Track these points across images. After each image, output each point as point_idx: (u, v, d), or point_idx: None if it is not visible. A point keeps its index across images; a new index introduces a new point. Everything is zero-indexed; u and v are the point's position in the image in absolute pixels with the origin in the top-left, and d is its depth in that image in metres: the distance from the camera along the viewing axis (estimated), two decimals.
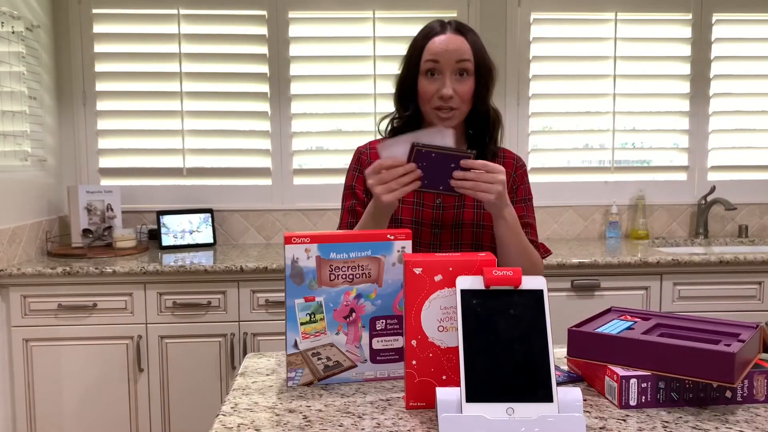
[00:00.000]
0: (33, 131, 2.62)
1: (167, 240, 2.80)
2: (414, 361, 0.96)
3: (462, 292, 0.89)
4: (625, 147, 3.12)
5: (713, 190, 3.02)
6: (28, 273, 2.29)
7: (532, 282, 0.89)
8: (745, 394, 0.97)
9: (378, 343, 1.09)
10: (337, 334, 1.08)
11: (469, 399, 0.82)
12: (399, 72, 1.47)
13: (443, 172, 1.24)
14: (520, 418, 0.80)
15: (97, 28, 2.88)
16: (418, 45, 1.41)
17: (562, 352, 1.20)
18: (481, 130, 1.47)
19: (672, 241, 3.02)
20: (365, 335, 1.09)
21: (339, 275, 1.06)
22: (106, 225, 2.76)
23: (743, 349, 0.94)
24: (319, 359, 1.07)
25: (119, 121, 2.93)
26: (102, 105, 2.92)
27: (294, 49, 2.94)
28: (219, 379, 2.42)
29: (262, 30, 2.92)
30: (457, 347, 0.96)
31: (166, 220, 2.81)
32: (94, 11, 2.87)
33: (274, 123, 2.96)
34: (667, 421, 0.91)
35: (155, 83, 2.91)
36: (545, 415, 0.80)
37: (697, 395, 0.96)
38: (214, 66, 2.92)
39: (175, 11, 2.88)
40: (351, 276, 1.07)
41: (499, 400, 0.82)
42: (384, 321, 1.09)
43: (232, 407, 0.99)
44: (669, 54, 3.06)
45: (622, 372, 0.96)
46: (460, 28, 1.41)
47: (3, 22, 2.39)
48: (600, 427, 0.89)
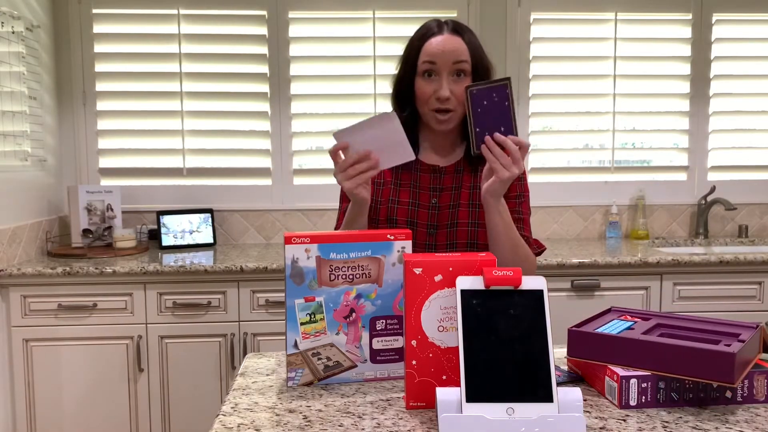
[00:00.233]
0: (33, 131, 2.62)
1: (167, 240, 2.80)
2: (414, 361, 0.96)
3: (462, 292, 0.89)
4: (625, 147, 3.12)
5: (713, 190, 3.02)
6: (28, 273, 2.30)
7: (532, 282, 0.89)
8: (745, 394, 0.97)
9: (378, 343, 1.09)
10: (337, 334, 1.08)
11: (469, 399, 0.82)
12: (396, 72, 1.47)
13: (491, 127, 1.24)
14: (520, 418, 0.80)
15: (97, 28, 2.88)
16: (415, 45, 1.41)
17: (562, 352, 1.20)
18: None
19: (672, 241, 3.02)
20: (365, 335, 1.09)
21: (339, 275, 1.06)
22: (106, 225, 2.76)
23: (743, 349, 0.94)
24: (319, 359, 1.07)
25: (119, 121, 2.93)
26: (102, 105, 2.92)
27: (294, 49, 2.94)
28: (219, 379, 2.42)
29: (262, 30, 2.92)
30: (457, 347, 0.96)
31: (166, 220, 2.81)
32: (94, 11, 2.87)
33: (274, 123, 2.96)
34: (667, 421, 0.91)
35: (155, 83, 2.91)
36: (545, 415, 0.80)
37: (697, 395, 0.96)
38: (214, 66, 2.92)
39: (175, 11, 2.88)
40: (351, 276, 1.07)
41: (499, 400, 0.82)
42: (384, 321, 1.09)
43: (232, 407, 0.99)
44: (669, 54, 3.06)
45: (622, 372, 0.96)
46: (456, 28, 1.41)
47: (3, 22, 2.39)
48: (600, 427, 0.89)
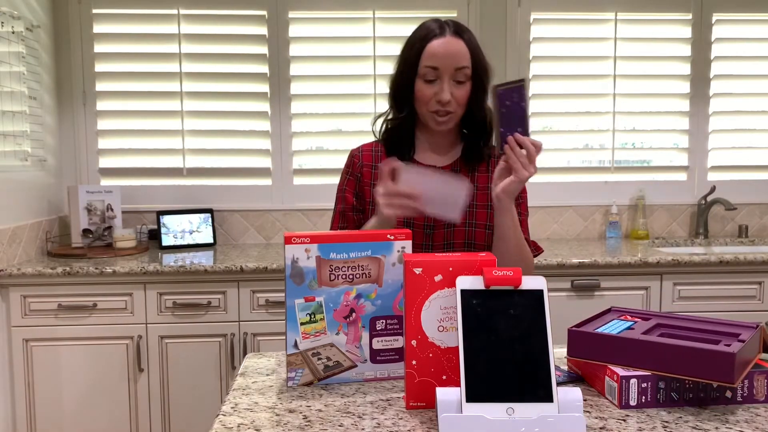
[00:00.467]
0: (33, 131, 2.62)
1: (167, 240, 2.80)
2: (414, 361, 0.96)
3: (462, 292, 0.89)
4: (625, 147, 3.12)
5: (713, 190, 3.02)
6: (28, 273, 2.29)
7: (532, 282, 0.89)
8: (745, 394, 0.97)
9: (378, 343, 1.09)
10: (337, 334, 1.08)
11: (469, 399, 0.82)
12: (394, 71, 1.46)
13: (511, 125, 1.27)
14: (520, 418, 0.80)
15: (97, 28, 2.88)
16: (416, 47, 1.39)
17: (562, 352, 1.20)
18: (475, 130, 1.47)
19: (672, 241, 3.02)
20: (365, 335, 1.09)
21: (339, 275, 1.06)
22: (106, 225, 2.76)
23: (743, 349, 0.94)
24: (319, 359, 1.07)
25: (119, 121, 2.93)
26: (102, 105, 2.92)
27: (294, 49, 2.94)
28: (219, 379, 2.42)
29: (262, 30, 2.92)
30: (457, 347, 0.96)
31: (166, 220, 2.81)
32: (94, 11, 2.87)
33: (274, 123, 2.96)
34: (667, 421, 0.91)
35: (155, 83, 2.91)
36: (545, 415, 0.80)
37: (697, 395, 0.96)
38: (214, 66, 2.92)
39: (175, 11, 2.88)
40: (351, 276, 1.07)
41: (499, 400, 0.82)
42: (384, 321, 1.09)
43: (232, 407, 0.99)
44: (669, 54, 3.06)
45: (622, 372, 0.96)
46: (458, 30, 1.39)
47: (3, 22, 2.39)
48: (600, 427, 0.89)
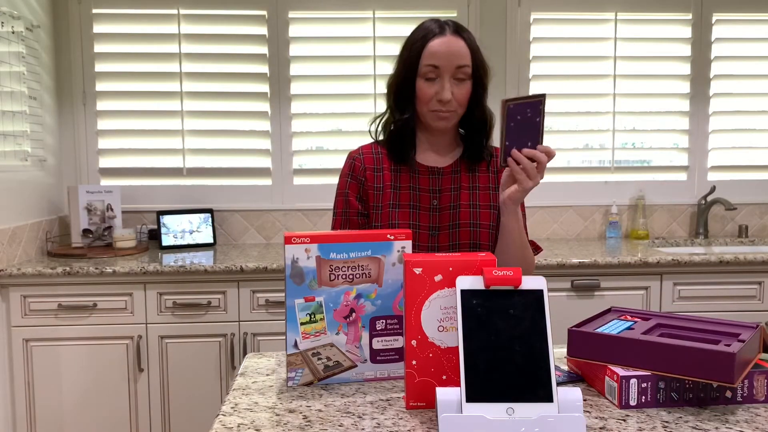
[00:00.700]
0: (33, 131, 2.62)
1: (167, 240, 2.80)
2: (414, 361, 0.96)
3: (462, 292, 0.88)
4: (625, 147, 3.12)
5: (713, 190, 3.02)
6: (28, 273, 2.29)
7: (532, 282, 0.89)
8: (745, 394, 0.97)
9: (378, 343, 1.09)
10: (337, 334, 1.08)
11: (469, 399, 0.82)
12: (393, 72, 1.46)
13: (520, 140, 1.33)
14: (520, 418, 0.80)
15: (97, 28, 2.88)
16: (417, 46, 1.39)
17: (562, 352, 1.20)
18: (475, 130, 1.47)
19: (672, 241, 3.02)
20: (365, 335, 1.08)
21: (339, 275, 1.06)
22: (106, 225, 2.76)
23: (743, 349, 0.94)
24: (319, 359, 1.07)
25: (119, 121, 2.93)
26: (102, 105, 2.92)
27: (294, 49, 2.94)
28: (219, 379, 2.42)
29: (262, 30, 2.92)
30: (457, 347, 0.96)
31: (166, 220, 2.81)
32: (94, 11, 2.87)
33: (274, 123, 2.96)
34: (667, 421, 0.91)
35: (155, 83, 2.91)
36: (545, 415, 0.80)
37: (697, 395, 0.96)
38: (214, 66, 2.92)
39: (175, 11, 2.88)
40: (351, 276, 1.07)
41: (499, 400, 0.82)
42: (384, 321, 1.09)
43: (232, 407, 0.99)
44: (669, 54, 3.06)
45: (622, 372, 0.96)
46: (458, 29, 1.40)
47: (3, 22, 2.39)
48: (600, 427, 0.89)
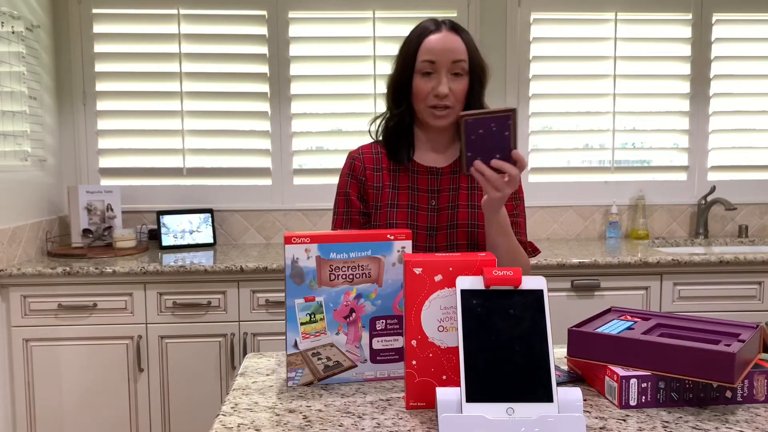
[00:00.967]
0: (33, 131, 2.62)
1: (167, 240, 2.80)
2: (414, 361, 0.96)
3: (462, 292, 0.88)
4: (625, 147, 3.12)
5: (713, 190, 3.02)
6: (28, 273, 2.29)
7: (532, 282, 0.89)
8: (745, 394, 0.97)
9: (378, 343, 1.09)
10: (337, 334, 1.08)
11: (469, 399, 0.82)
12: (392, 72, 1.48)
13: (486, 152, 1.24)
14: (520, 418, 0.80)
15: (97, 28, 2.88)
16: (413, 44, 1.41)
17: (562, 352, 1.20)
18: None
19: (672, 241, 3.02)
20: (365, 335, 1.08)
21: (339, 275, 1.06)
22: (106, 225, 2.76)
23: (743, 349, 0.94)
24: (319, 359, 1.07)
25: (119, 121, 2.93)
26: (102, 105, 2.92)
27: (294, 49, 2.94)
28: (219, 379, 2.42)
29: (262, 30, 2.92)
30: (457, 347, 0.96)
31: (166, 220, 2.81)
32: (94, 11, 2.87)
33: (274, 123, 2.96)
34: (667, 421, 0.91)
35: (155, 83, 2.91)
36: (545, 415, 0.80)
37: (697, 395, 0.96)
38: (214, 66, 2.92)
39: (175, 11, 2.88)
40: (351, 276, 1.07)
41: (499, 400, 0.82)
42: (384, 321, 1.09)
43: (232, 407, 0.99)
44: (669, 54, 3.06)
45: (622, 372, 0.96)
46: (454, 27, 1.42)
47: (3, 22, 2.39)
48: (600, 427, 0.89)
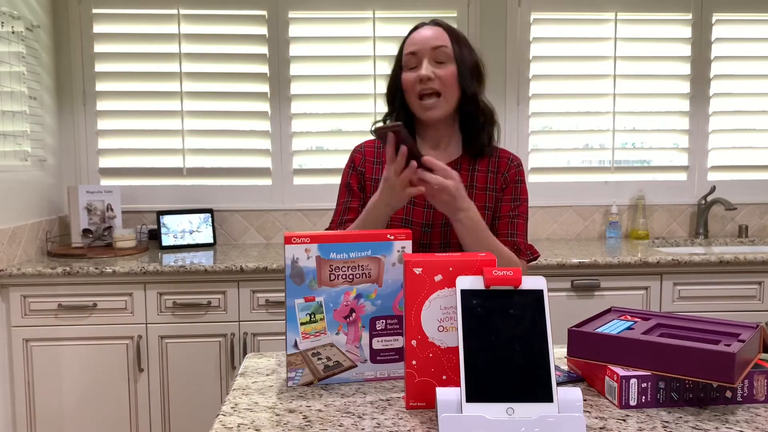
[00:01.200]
0: (33, 131, 2.62)
1: (167, 240, 2.80)
2: (414, 361, 0.96)
3: (462, 292, 0.88)
4: (625, 147, 3.12)
5: (713, 190, 3.02)
6: (28, 273, 2.29)
7: (532, 282, 0.89)
8: (745, 394, 0.97)
9: (378, 343, 1.09)
10: (337, 334, 1.08)
11: (469, 399, 0.82)
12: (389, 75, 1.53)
13: (408, 159, 1.23)
14: (520, 418, 0.80)
15: (97, 28, 2.88)
16: (401, 46, 1.47)
17: (562, 352, 1.20)
18: (475, 130, 1.47)
19: (672, 241, 3.02)
20: (365, 335, 1.08)
21: (339, 275, 1.06)
22: (106, 225, 2.76)
23: (743, 349, 0.94)
24: (319, 359, 1.07)
25: (119, 121, 2.93)
26: (102, 105, 2.92)
27: (294, 49, 2.94)
28: (219, 379, 2.42)
29: (262, 30, 2.92)
30: (457, 347, 0.96)
31: (166, 220, 2.81)
32: (94, 11, 2.87)
33: (274, 123, 2.96)
34: (667, 421, 0.91)
35: (155, 83, 2.91)
36: (545, 415, 0.80)
37: (697, 395, 0.96)
38: (214, 66, 2.92)
39: (175, 11, 2.88)
40: (351, 276, 1.07)
41: (499, 400, 0.82)
42: (384, 321, 1.09)
43: (232, 407, 0.99)
44: (669, 54, 3.06)
45: (622, 372, 0.96)
46: (437, 22, 1.46)
47: (3, 22, 2.39)
48: (600, 427, 0.89)
